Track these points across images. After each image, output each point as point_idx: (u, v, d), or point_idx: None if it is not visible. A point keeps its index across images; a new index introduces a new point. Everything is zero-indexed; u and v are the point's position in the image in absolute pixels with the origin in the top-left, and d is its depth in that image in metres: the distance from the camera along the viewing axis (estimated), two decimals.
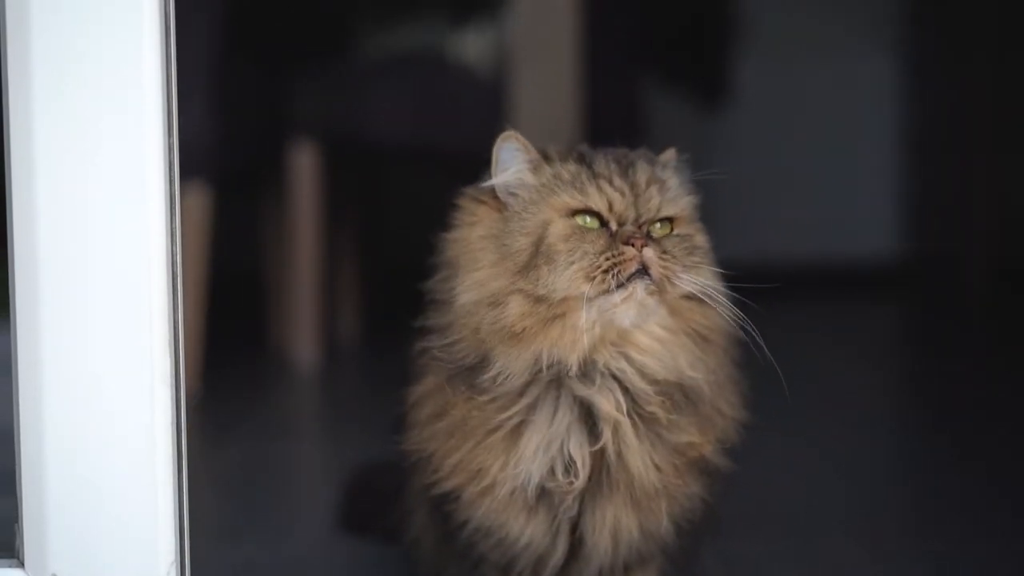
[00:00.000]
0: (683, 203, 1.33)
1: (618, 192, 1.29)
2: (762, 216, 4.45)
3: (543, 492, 1.30)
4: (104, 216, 1.29)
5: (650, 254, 1.26)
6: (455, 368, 1.30)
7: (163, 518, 1.30)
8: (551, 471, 1.29)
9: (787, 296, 1.79)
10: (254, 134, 3.19)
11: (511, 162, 1.32)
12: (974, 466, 2.28)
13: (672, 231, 1.31)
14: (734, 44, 4.16)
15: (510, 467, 1.29)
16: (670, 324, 1.29)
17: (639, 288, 1.26)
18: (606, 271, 1.25)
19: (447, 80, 3.31)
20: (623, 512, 1.31)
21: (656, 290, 1.27)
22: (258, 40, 3.24)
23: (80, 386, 1.29)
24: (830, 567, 1.76)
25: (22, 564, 1.31)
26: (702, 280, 1.29)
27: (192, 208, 2.74)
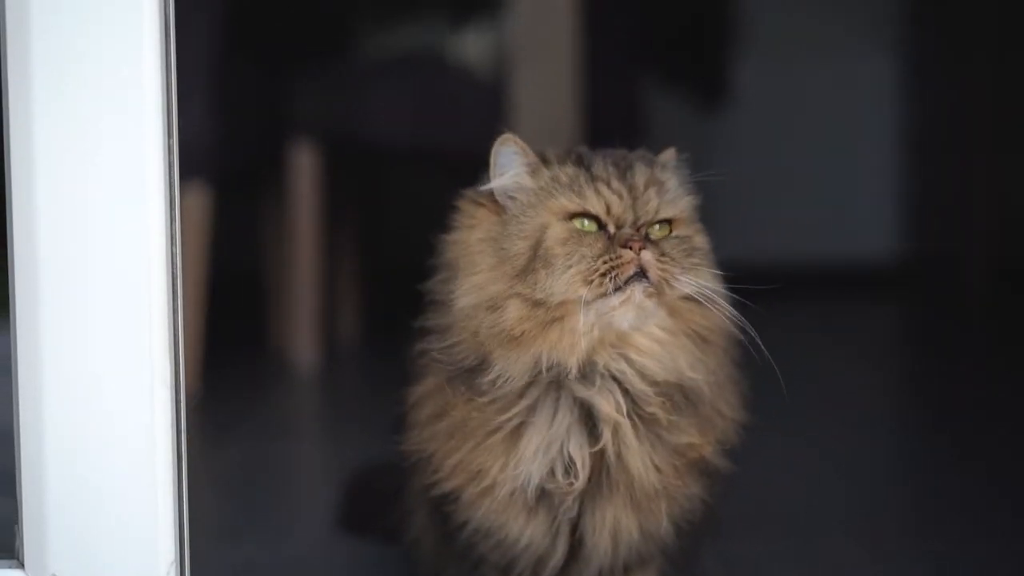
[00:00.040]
0: (682, 204, 1.32)
1: (616, 195, 1.28)
2: (762, 216, 4.44)
3: (543, 493, 1.30)
4: (104, 216, 1.29)
5: (648, 257, 1.26)
6: (455, 370, 1.30)
7: (163, 518, 1.30)
8: (551, 472, 1.29)
9: (787, 296, 1.79)
10: (254, 134, 3.19)
11: (509, 165, 1.32)
12: (974, 466, 2.28)
13: (671, 232, 1.31)
14: (734, 44, 4.16)
15: (510, 468, 1.29)
16: (670, 325, 1.28)
17: (637, 291, 1.26)
18: (604, 274, 1.25)
19: (447, 80, 3.31)
20: (623, 513, 1.31)
21: (655, 292, 1.26)
22: (258, 40, 3.24)
23: (80, 386, 1.29)
24: (830, 567, 1.76)
25: (22, 565, 1.31)
26: (701, 281, 1.28)
27: (192, 208, 2.74)
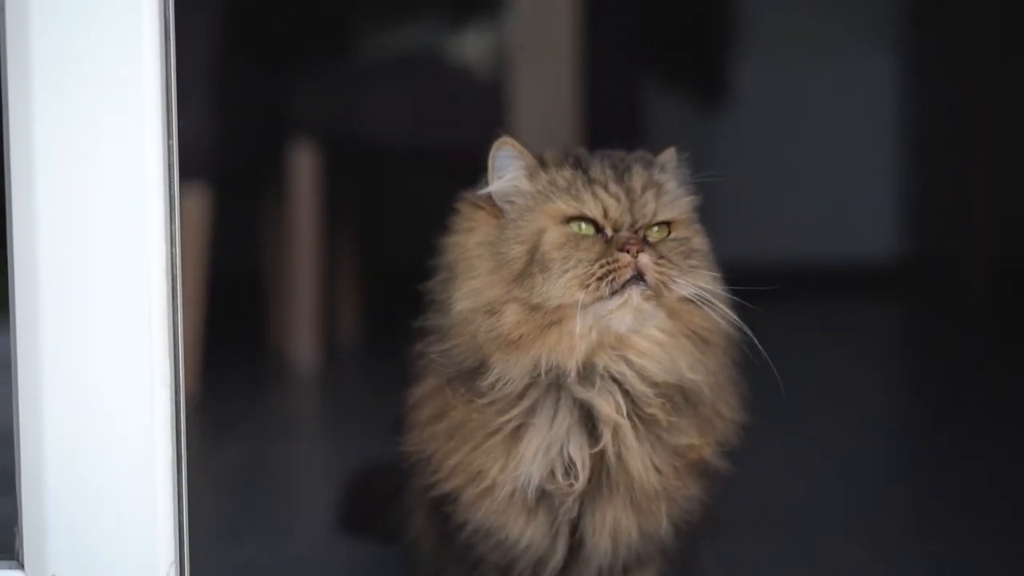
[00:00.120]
0: (681, 206, 1.32)
1: (613, 198, 1.28)
2: (762, 216, 4.44)
3: (543, 494, 1.30)
4: (104, 216, 1.29)
5: (645, 260, 1.25)
6: (454, 371, 1.30)
7: (163, 519, 1.30)
8: (551, 473, 1.29)
9: (787, 296, 1.79)
10: (254, 134, 3.19)
11: (506, 169, 1.31)
12: (974, 466, 2.28)
13: (669, 234, 1.30)
14: (734, 44, 4.16)
15: (510, 469, 1.29)
16: (669, 327, 1.28)
17: (635, 294, 1.25)
18: (600, 278, 1.24)
19: (447, 80, 3.30)
20: (623, 514, 1.31)
21: (653, 295, 1.26)
22: (258, 40, 3.24)
23: (80, 386, 1.29)
24: (830, 567, 1.76)
25: (22, 566, 1.31)
26: (700, 283, 1.28)
27: (192, 208, 2.74)
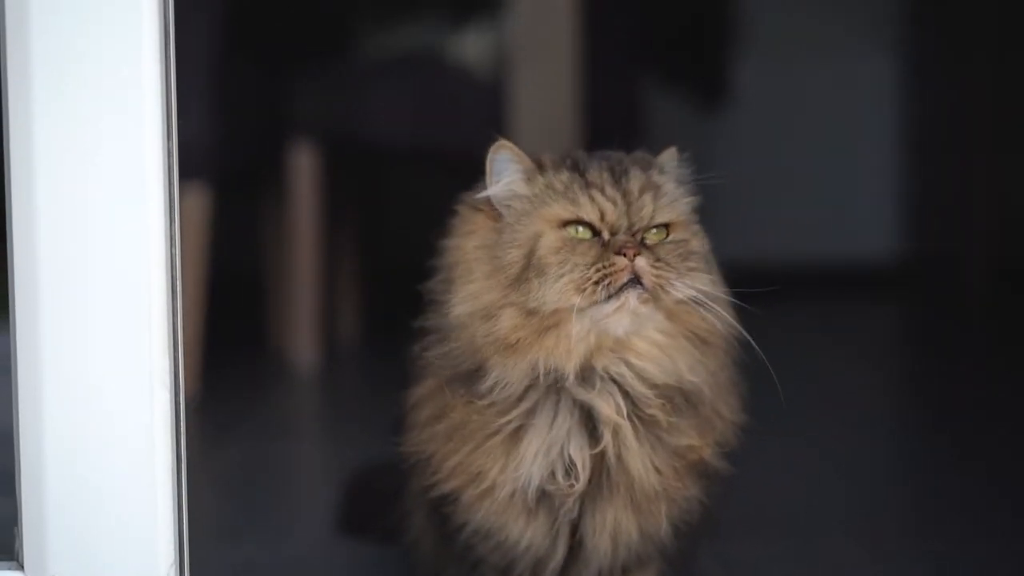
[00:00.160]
0: (679, 208, 1.31)
1: (610, 201, 1.27)
2: (762, 216, 4.44)
3: (543, 495, 1.30)
4: (104, 216, 1.29)
5: (642, 263, 1.25)
6: (453, 373, 1.30)
7: (163, 519, 1.30)
8: (551, 474, 1.29)
9: (787, 296, 1.79)
10: (254, 134, 3.19)
11: (504, 173, 1.31)
12: (974, 466, 2.28)
13: (668, 236, 1.30)
14: (734, 44, 4.16)
15: (510, 470, 1.29)
16: (668, 328, 1.28)
17: (631, 297, 1.25)
18: (596, 283, 1.24)
19: (447, 80, 3.30)
20: (623, 514, 1.31)
21: (650, 298, 1.26)
22: (258, 40, 3.24)
23: (80, 387, 1.29)
24: (830, 567, 1.76)
25: (22, 567, 1.31)
26: (698, 286, 1.28)
27: (192, 208, 2.74)
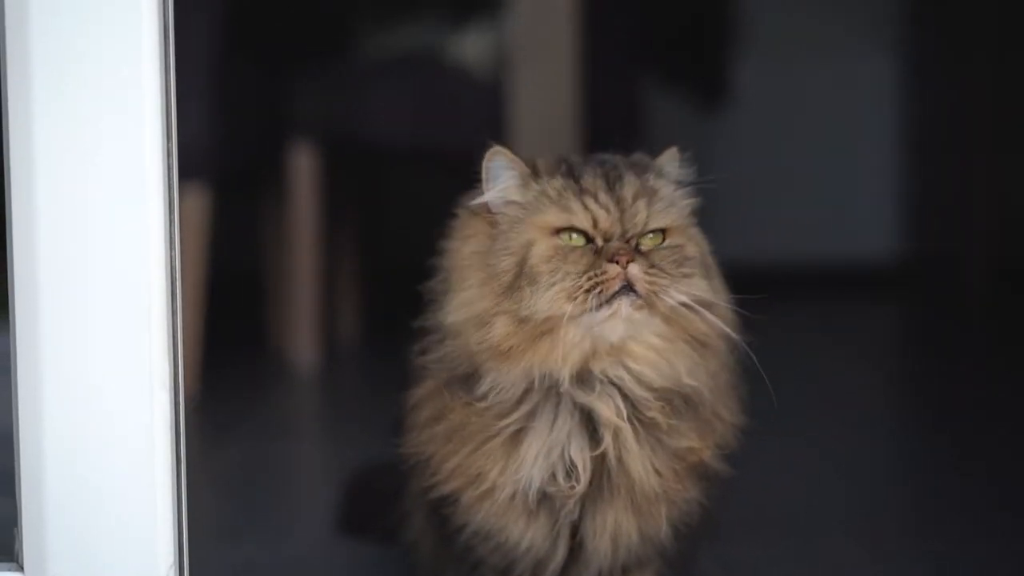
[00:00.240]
0: (675, 213, 1.30)
1: (603, 208, 1.27)
2: (762, 216, 4.44)
3: (543, 496, 1.30)
4: (104, 217, 1.29)
5: (635, 271, 1.24)
6: (451, 376, 1.30)
7: (162, 519, 1.30)
8: (552, 476, 1.29)
9: (787, 296, 1.79)
10: (254, 134, 3.19)
11: (499, 179, 1.30)
12: (974, 466, 2.28)
13: (663, 242, 1.29)
14: (734, 44, 4.16)
15: (510, 472, 1.29)
16: (666, 332, 1.27)
17: (624, 305, 1.24)
18: (588, 291, 1.23)
19: (447, 80, 3.30)
20: (623, 516, 1.31)
21: (644, 305, 1.25)
22: (258, 40, 3.23)
23: (80, 387, 1.29)
24: (830, 567, 1.76)
25: (21, 567, 1.31)
26: (693, 291, 1.27)
27: (192, 208, 2.74)
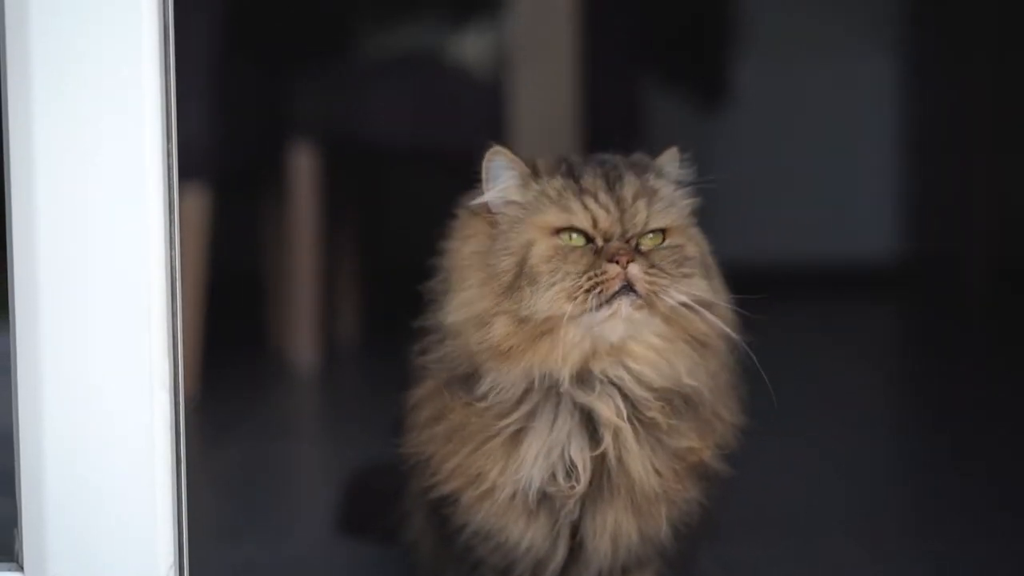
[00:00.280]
0: (675, 213, 1.30)
1: (603, 208, 1.27)
2: (762, 216, 4.44)
3: (543, 496, 1.30)
4: (104, 217, 1.29)
5: (635, 271, 1.24)
6: (451, 376, 1.30)
7: (162, 519, 1.30)
8: (552, 476, 1.29)
9: (787, 296, 1.79)
10: (254, 134, 3.19)
11: (499, 179, 1.30)
12: (974, 466, 2.28)
13: (663, 242, 1.29)
14: (734, 44, 4.16)
15: (510, 472, 1.29)
16: (666, 332, 1.27)
17: (624, 305, 1.24)
18: (588, 291, 1.23)
19: (447, 80, 3.30)
20: (623, 516, 1.31)
21: (644, 305, 1.25)
22: (258, 40, 3.23)
23: (79, 387, 1.29)
24: (830, 567, 1.76)
25: (21, 568, 1.31)
26: (693, 292, 1.27)
27: (192, 208, 2.74)
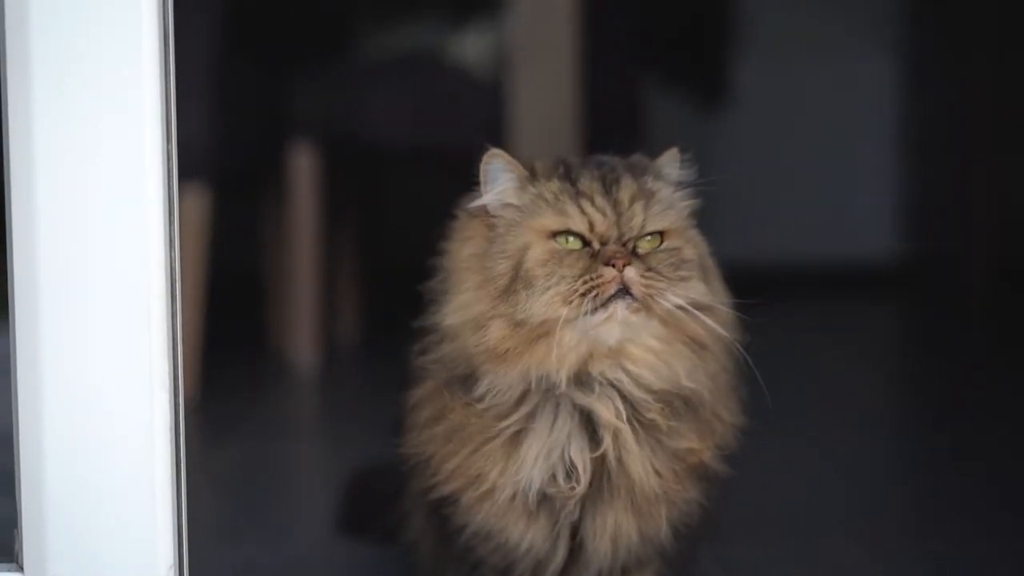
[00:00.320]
0: (673, 215, 1.30)
1: (599, 212, 1.26)
2: (762, 216, 4.44)
3: (543, 497, 1.30)
4: (104, 217, 1.29)
5: (632, 274, 1.24)
6: (450, 376, 1.30)
7: (162, 519, 1.30)
8: (552, 477, 1.29)
9: (787, 296, 1.79)
10: (254, 134, 3.19)
11: (496, 182, 1.30)
12: (974, 466, 2.28)
13: (661, 244, 1.28)
14: (734, 44, 4.16)
15: (510, 473, 1.29)
16: (664, 335, 1.27)
17: (620, 308, 1.24)
18: (583, 294, 1.23)
19: (447, 80, 3.30)
20: (623, 517, 1.31)
21: (640, 308, 1.25)
22: (258, 40, 3.23)
23: (79, 387, 1.29)
24: (830, 567, 1.76)
25: (21, 568, 1.31)
26: (690, 294, 1.27)
27: (192, 208, 2.74)
